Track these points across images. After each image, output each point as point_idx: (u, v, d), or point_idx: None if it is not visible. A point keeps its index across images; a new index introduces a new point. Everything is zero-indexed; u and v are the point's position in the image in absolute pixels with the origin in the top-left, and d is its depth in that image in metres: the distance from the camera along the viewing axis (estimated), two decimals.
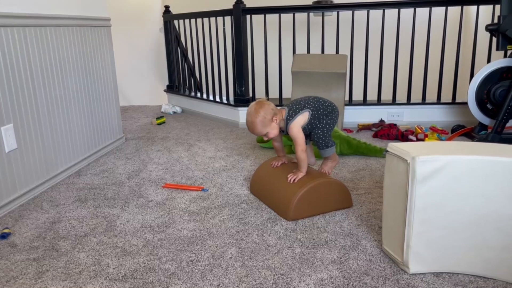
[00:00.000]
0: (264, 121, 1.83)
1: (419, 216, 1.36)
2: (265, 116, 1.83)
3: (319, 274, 1.42)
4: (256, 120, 1.83)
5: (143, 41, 5.21)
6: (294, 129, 1.87)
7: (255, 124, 1.84)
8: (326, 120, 1.94)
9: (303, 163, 1.86)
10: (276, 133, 1.90)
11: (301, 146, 1.86)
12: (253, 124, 1.85)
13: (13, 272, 1.48)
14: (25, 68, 2.10)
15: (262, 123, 1.84)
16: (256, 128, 1.85)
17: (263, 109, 1.84)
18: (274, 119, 1.86)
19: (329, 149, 1.96)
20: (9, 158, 1.99)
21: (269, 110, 1.85)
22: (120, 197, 2.12)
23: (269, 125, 1.86)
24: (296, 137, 1.86)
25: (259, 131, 1.86)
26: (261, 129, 1.85)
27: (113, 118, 3.02)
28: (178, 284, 1.39)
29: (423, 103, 3.49)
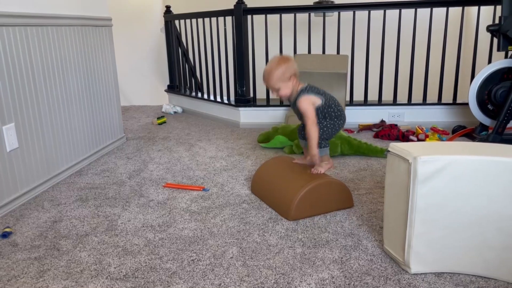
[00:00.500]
0: (282, 76, 1.81)
1: (420, 216, 1.36)
2: (285, 71, 1.80)
3: (320, 274, 1.43)
4: (274, 71, 1.81)
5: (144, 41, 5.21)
6: (305, 102, 1.84)
7: (272, 75, 1.81)
8: (328, 122, 1.93)
9: (313, 140, 1.83)
10: (287, 93, 1.87)
11: (311, 119, 1.83)
12: (270, 74, 1.82)
13: (15, 271, 1.48)
14: (27, 68, 2.10)
15: (279, 77, 1.81)
16: (271, 79, 1.82)
17: (286, 64, 1.81)
18: (292, 78, 1.83)
19: (321, 150, 1.94)
20: (11, 157, 1.99)
21: (292, 68, 1.83)
22: (121, 197, 2.12)
23: (285, 82, 1.83)
24: (306, 109, 1.84)
25: (273, 83, 1.83)
26: (276, 82, 1.82)
27: (114, 118, 3.02)
28: (179, 283, 1.39)
29: (424, 103, 3.49)
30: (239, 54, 3.55)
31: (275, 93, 1.88)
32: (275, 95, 1.90)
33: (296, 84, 1.89)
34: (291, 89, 1.87)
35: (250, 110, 3.62)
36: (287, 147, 2.82)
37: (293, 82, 1.86)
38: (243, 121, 3.63)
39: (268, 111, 3.62)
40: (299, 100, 1.86)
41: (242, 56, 3.54)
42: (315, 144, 1.85)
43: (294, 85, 1.88)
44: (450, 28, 3.40)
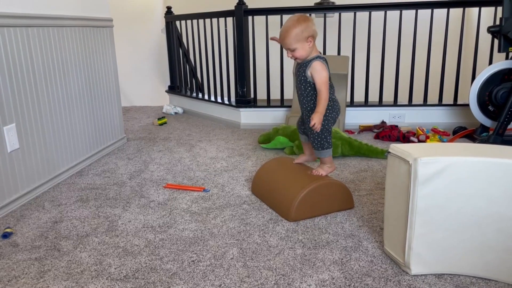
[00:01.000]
0: (300, 35, 1.72)
1: (421, 217, 1.36)
2: (304, 30, 1.72)
3: (320, 275, 1.43)
4: (293, 29, 1.72)
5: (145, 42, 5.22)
6: (320, 66, 1.74)
7: (290, 32, 1.72)
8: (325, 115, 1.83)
9: (324, 102, 1.75)
10: (303, 55, 1.76)
11: (326, 83, 1.75)
12: (288, 32, 1.73)
13: (15, 272, 1.48)
14: (28, 68, 2.10)
15: (297, 36, 1.72)
16: (288, 37, 1.73)
17: (305, 23, 1.73)
18: (310, 40, 1.74)
19: (324, 151, 1.88)
20: (11, 158, 1.99)
21: (311, 28, 1.74)
22: (122, 197, 2.12)
23: (302, 42, 1.73)
24: (320, 74, 1.74)
25: (289, 42, 1.74)
26: (292, 41, 1.73)
27: (115, 119, 3.03)
28: (179, 284, 1.39)
29: (425, 104, 3.49)
30: (240, 55, 3.55)
31: (290, 54, 1.78)
32: (290, 56, 1.79)
33: (313, 47, 1.78)
34: (308, 52, 1.77)
35: (250, 111, 3.63)
36: (287, 148, 2.82)
37: (310, 44, 1.75)
38: (244, 122, 3.63)
39: (269, 112, 3.62)
40: (315, 62, 1.75)
41: (242, 57, 3.55)
42: (324, 105, 1.75)
43: (312, 48, 1.77)
44: (451, 29, 3.40)
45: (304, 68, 1.80)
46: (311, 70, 1.77)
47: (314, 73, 1.77)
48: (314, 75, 1.77)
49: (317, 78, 1.76)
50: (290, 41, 1.74)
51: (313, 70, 1.77)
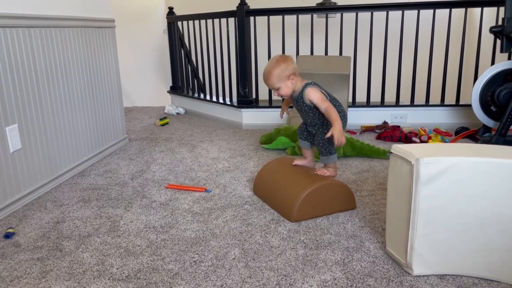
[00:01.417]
0: (281, 75, 1.81)
1: (423, 218, 1.36)
2: (284, 70, 1.81)
3: (322, 275, 1.42)
4: (273, 71, 1.81)
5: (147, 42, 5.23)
6: (314, 91, 1.83)
7: (271, 74, 1.82)
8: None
9: (336, 115, 1.78)
10: (288, 92, 1.86)
11: (326, 102, 1.81)
12: (269, 74, 1.82)
13: (17, 272, 1.48)
14: (30, 69, 2.11)
15: (279, 76, 1.81)
16: (270, 78, 1.83)
17: (285, 63, 1.82)
18: (292, 77, 1.83)
19: (331, 157, 1.93)
20: (14, 158, 2.00)
21: (291, 67, 1.83)
22: (124, 198, 2.13)
23: (284, 81, 1.83)
24: (318, 96, 1.82)
25: (272, 82, 1.83)
26: (275, 81, 1.82)
27: (116, 119, 3.03)
28: (181, 284, 1.39)
29: (427, 105, 3.48)
30: (242, 56, 3.55)
31: (276, 92, 1.88)
32: (276, 94, 1.90)
33: (298, 82, 1.87)
34: (291, 89, 1.87)
35: (252, 111, 3.63)
36: (289, 148, 2.82)
37: (293, 81, 1.85)
38: (246, 122, 3.63)
39: (271, 112, 3.62)
40: (307, 91, 1.84)
41: (244, 58, 3.55)
42: (337, 118, 1.79)
43: (296, 83, 1.86)
44: (453, 30, 3.39)
45: (301, 99, 1.88)
46: (308, 99, 1.85)
47: (311, 99, 1.85)
48: (312, 101, 1.85)
49: (316, 101, 1.84)
50: (273, 82, 1.83)
51: (309, 97, 1.85)
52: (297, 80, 1.87)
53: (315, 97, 1.83)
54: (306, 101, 1.86)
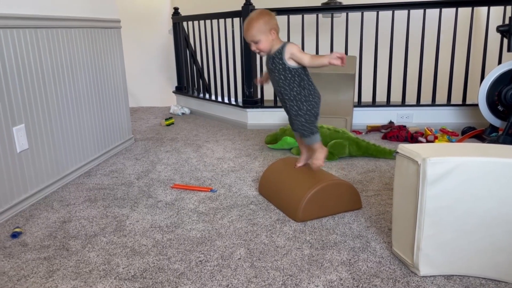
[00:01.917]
0: (262, 27, 1.77)
1: (430, 218, 1.35)
2: (267, 22, 1.77)
3: (328, 275, 1.42)
4: (256, 21, 1.77)
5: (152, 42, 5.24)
6: (294, 45, 1.79)
7: (252, 24, 1.77)
8: (306, 106, 1.86)
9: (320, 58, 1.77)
10: (266, 47, 1.80)
11: (308, 55, 1.78)
12: (250, 24, 1.78)
13: (24, 271, 1.49)
14: (37, 69, 2.12)
15: (260, 27, 1.76)
16: (251, 29, 1.77)
17: (268, 16, 1.79)
18: (273, 32, 1.79)
19: (314, 137, 1.89)
20: (21, 158, 2.01)
21: (274, 21, 1.80)
22: (130, 197, 2.13)
23: (265, 34, 1.77)
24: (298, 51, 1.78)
25: (252, 33, 1.77)
26: (256, 33, 1.77)
27: (122, 119, 3.04)
28: (187, 284, 1.39)
29: (433, 104, 3.46)
30: (247, 56, 3.55)
31: (254, 46, 1.81)
32: (254, 48, 1.82)
33: (277, 40, 1.82)
34: (271, 44, 1.80)
35: (257, 111, 3.62)
36: (294, 148, 2.81)
37: (274, 37, 1.80)
38: (251, 122, 3.63)
39: (276, 112, 3.61)
40: (288, 46, 1.79)
41: (249, 58, 3.55)
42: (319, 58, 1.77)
43: (275, 40, 1.81)
44: (460, 29, 3.37)
45: (280, 56, 1.80)
46: (289, 52, 1.79)
47: (293, 52, 1.78)
48: (295, 54, 1.79)
49: (299, 55, 1.79)
50: (254, 33, 1.78)
51: (291, 50, 1.78)
52: (277, 38, 1.82)
53: (297, 50, 1.78)
54: (284, 59, 1.79)
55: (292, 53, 1.78)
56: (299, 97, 1.85)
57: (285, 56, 1.79)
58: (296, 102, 1.86)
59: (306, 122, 1.87)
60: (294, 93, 1.85)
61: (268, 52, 1.84)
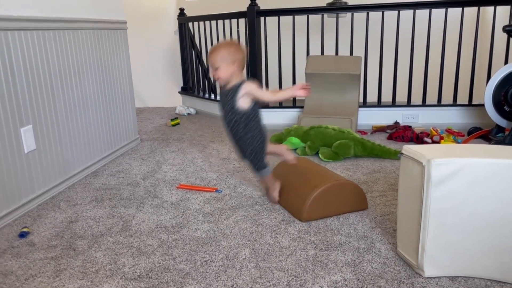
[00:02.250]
0: (227, 57, 1.74)
1: (435, 219, 1.35)
2: (233, 53, 1.75)
3: (332, 276, 1.42)
4: (222, 49, 1.76)
5: (158, 43, 5.26)
6: (252, 83, 1.78)
7: (218, 51, 1.76)
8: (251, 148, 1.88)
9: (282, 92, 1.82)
10: (225, 76, 1.77)
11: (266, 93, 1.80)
12: (216, 50, 1.77)
13: (32, 271, 1.51)
14: (44, 71, 2.15)
15: (223, 55, 1.74)
16: (215, 55, 1.76)
17: (236, 49, 1.78)
18: (236, 65, 1.76)
19: (265, 170, 1.93)
20: (28, 158, 2.04)
21: (239, 56, 1.77)
22: (136, 198, 2.15)
23: (227, 64, 1.74)
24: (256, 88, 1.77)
25: (214, 59, 1.75)
26: (219, 60, 1.75)
27: (128, 120, 3.06)
28: (192, 284, 1.40)
29: (439, 105, 3.45)
30: (252, 56, 3.56)
31: (213, 72, 1.78)
32: (212, 73, 1.80)
33: (238, 75, 1.79)
34: (229, 75, 1.77)
35: (263, 112, 3.61)
36: (300, 148, 2.82)
37: (235, 69, 1.77)
38: None
39: (281, 113, 3.62)
40: (245, 84, 1.77)
41: (255, 58, 3.55)
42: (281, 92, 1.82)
43: (235, 73, 1.78)
44: (466, 29, 3.36)
45: (234, 94, 1.78)
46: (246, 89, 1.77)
47: (251, 90, 1.78)
48: (252, 92, 1.78)
49: (256, 91, 1.78)
50: (216, 59, 1.76)
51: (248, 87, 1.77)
52: (238, 73, 1.80)
53: (255, 87, 1.78)
54: (237, 97, 1.77)
55: (250, 90, 1.77)
56: (244, 139, 1.87)
57: (240, 93, 1.77)
58: (241, 142, 1.89)
59: (253, 159, 1.90)
60: (240, 134, 1.86)
61: (225, 82, 1.81)
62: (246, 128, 1.84)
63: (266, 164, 1.93)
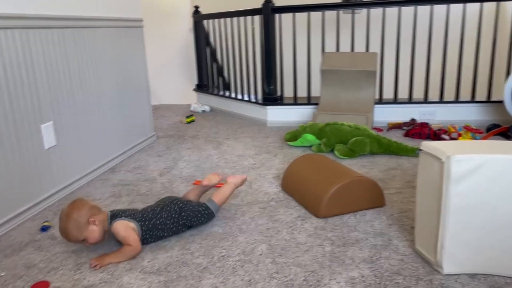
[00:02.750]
0: (79, 225, 1.55)
1: (454, 216, 1.34)
2: (78, 219, 1.55)
3: (350, 272, 1.42)
4: (68, 226, 1.54)
5: (173, 41, 5.30)
6: (118, 226, 1.57)
7: (68, 230, 1.54)
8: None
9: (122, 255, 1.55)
10: (98, 237, 1.58)
11: (134, 242, 1.55)
12: (66, 230, 1.55)
13: (54, 263, 1.55)
14: (64, 69, 2.18)
15: (77, 227, 1.54)
16: (70, 234, 1.55)
17: (75, 211, 1.57)
18: (91, 220, 1.57)
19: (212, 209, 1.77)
20: (49, 154, 2.08)
21: (84, 211, 1.57)
22: (153, 193, 2.17)
23: (86, 229, 1.56)
24: (125, 234, 1.56)
25: (75, 236, 1.55)
26: (77, 234, 1.55)
27: (145, 117, 3.10)
28: (210, 278, 1.42)
29: (457, 101, 3.40)
30: (267, 53, 3.56)
31: (86, 243, 1.59)
32: (87, 245, 1.60)
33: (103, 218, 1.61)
34: (101, 231, 1.59)
35: (277, 108, 3.63)
36: (315, 145, 2.81)
37: (96, 221, 1.58)
38: (270, 119, 3.64)
39: (296, 110, 3.61)
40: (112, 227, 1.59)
41: (270, 55, 3.56)
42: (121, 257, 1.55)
43: (102, 221, 1.60)
44: (484, 24, 3.30)
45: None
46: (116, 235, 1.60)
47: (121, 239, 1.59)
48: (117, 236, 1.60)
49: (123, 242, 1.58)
50: (76, 236, 1.56)
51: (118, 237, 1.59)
52: (101, 217, 1.60)
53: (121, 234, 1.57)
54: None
55: (116, 232, 1.58)
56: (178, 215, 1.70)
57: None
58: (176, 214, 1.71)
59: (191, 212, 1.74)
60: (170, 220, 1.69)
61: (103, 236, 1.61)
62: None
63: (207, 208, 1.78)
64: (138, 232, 1.62)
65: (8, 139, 1.83)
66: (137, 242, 1.57)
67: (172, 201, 1.75)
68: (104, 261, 1.53)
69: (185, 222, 1.72)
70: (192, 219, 1.72)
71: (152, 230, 1.64)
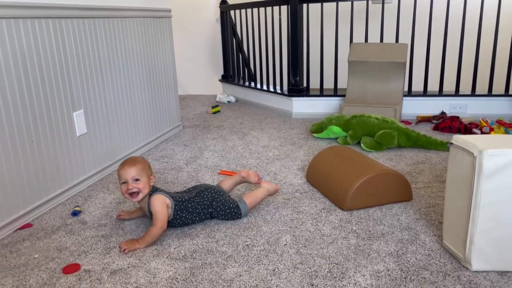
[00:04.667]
0: (146, 169, 1.64)
1: (485, 212, 1.30)
2: (149, 168, 1.67)
3: (375, 265, 1.41)
4: (140, 162, 1.65)
5: (200, 31, 5.33)
6: (157, 199, 1.62)
7: (137, 162, 1.64)
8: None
9: (150, 238, 1.58)
10: (145, 191, 1.63)
11: (160, 222, 1.59)
12: (135, 161, 1.64)
13: (84, 247, 1.60)
14: (95, 58, 2.23)
15: (144, 168, 1.64)
16: (135, 166, 1.62)
17: (149, 165, 1.69)
18: (151, 178, 1.67)
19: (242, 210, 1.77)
20: (80, 141, 2.14)
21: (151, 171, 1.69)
22: (179, 182, 2.21)
23: (147, 176, 1.64)
24: (158, 209, 1.61)
25: (136, 171, 1.61)
26: (139, 171, 1.62)
27: (172, 106, 3.14)
28: (235, 266, 1.44)
29: (489, 94, 3.29)
30: (294, 44, 3.53)
31: (132, 185, 1.61)
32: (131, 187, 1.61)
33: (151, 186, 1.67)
34: (148, 190, 1.65)
35: (303, 100, 3.61)
36: (341, 137, 2.79)
37: (151, 183, 1.67)
38: (296, 111, 3.62)
39: (322, 101, 3.58)
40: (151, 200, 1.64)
41: (296, 46, 3.53)
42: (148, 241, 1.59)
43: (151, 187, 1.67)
44: None
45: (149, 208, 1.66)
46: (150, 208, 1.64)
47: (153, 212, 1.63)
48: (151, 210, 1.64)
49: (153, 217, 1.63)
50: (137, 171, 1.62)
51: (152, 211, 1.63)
52: (152, 184, 1.68)
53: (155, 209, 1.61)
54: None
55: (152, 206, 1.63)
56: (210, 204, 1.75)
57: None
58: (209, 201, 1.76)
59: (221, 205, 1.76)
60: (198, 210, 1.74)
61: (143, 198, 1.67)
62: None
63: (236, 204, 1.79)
64: (171, 211, 1.67)
65: (42, 127, 1.89)
66: (164, 222, 1.61)
67: (206, 188, 1.79)
68: (133, 245, 1.57)
69: (213, 212, 1.75)
70: (220, 211, 1.75)
71: (183, 211, 1.69)
